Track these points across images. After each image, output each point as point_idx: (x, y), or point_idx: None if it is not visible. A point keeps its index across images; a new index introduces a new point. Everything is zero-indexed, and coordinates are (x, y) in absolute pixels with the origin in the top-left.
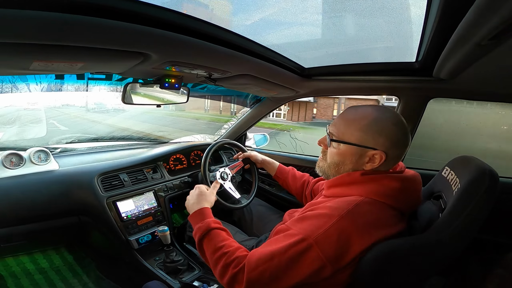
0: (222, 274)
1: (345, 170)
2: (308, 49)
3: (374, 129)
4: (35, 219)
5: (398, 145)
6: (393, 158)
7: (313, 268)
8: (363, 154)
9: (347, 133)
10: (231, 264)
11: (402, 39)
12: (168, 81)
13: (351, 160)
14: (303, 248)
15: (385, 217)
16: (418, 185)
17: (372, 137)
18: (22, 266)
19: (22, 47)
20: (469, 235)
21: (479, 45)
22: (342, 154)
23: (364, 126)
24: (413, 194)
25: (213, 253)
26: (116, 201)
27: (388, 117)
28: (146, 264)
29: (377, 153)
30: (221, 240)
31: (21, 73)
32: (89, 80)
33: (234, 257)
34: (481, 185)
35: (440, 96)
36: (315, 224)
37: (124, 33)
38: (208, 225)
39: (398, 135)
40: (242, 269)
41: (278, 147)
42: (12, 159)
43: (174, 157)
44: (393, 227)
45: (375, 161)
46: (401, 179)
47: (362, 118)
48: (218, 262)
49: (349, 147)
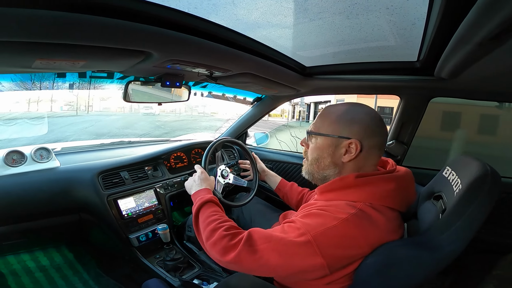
0: (215, 243)
1: (325, 164)
2: (309, 48)
3: (345, 119)
4: (36, 217)
5: (371, 133)
6: (371, 148)
7: (308, 263)
8: (338, 145)
9: (322, 126)
10: (228, 235)
11: (404, 38)
12: (169, 80)
13: (328, 153)
14: (301, 241)
15: (385, 221)
16: (411, 183)
17: (344, 126)
18: (23, 264)
19: (25, 46)
20: (469, 235)
21: (481, 44)
22: (319, 147)
23: (336, 117)
24: (408, 192)
25: (209, 223)
26: (117, 199)
27: (360, 108)
28: (146, 262)
29: (352, 142)
30: (218, 211)
31: (23, 71)
32: (90, 78)
33: (233, 230)
34: (483, 185)
35: (442, 95)
36: (317, 221)
37: (126, 31)
38: (210, 198)
39: (370, 124)
40: (238, 242)
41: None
42: (14, 156)
43: (175, 155)
44: (394, 233)
45: (352, 151)
46: (395, 179)
47: (335, 111)
48: (214, 231)
49: (324, 139)
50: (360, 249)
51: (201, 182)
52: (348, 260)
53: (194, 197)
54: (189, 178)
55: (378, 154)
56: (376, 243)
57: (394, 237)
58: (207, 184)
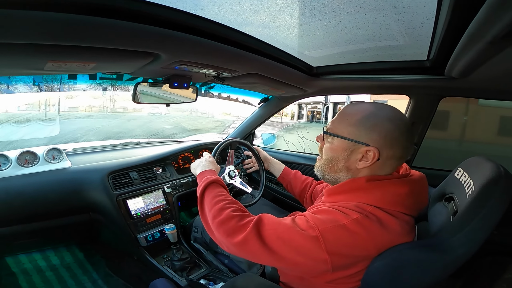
0: (223, 222)
1: (338, 167)
2: (316, 48)
3: (366, 123)
4: (48, 216)
5: (393, 144)
6: (388, 159)
7: (312, 256)
8: (355, 150)
9: (340, 127)
10: (237, 216)
11: (412, 37)
12: (177, 81)
13: (343, 156)
14: (308, 234)
15: (396, 225)
16: (424, 187)
17: (364, 131)
18: (34, 263)
19: (37, 48)
20: (482, 238)
21: (492, 43)
22: (335, 149)
23: (356, 121)
24: (420, 197)
25: (217, 202)
26: (126, 199)
27: (385, 113)
28: (154, 262)
29: (370, 150)
30: (224, 192)
31: (35, 73)
32: (100, 80)
33: (241, 212)
34: (496, 187)
35: (452, 95)
36: (328, 218)
37: (135, 33)
38: (216, 178)
39: (393, 132)
40: (247, 224)
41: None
42: (26, 157)
43: (182, 156)
44: (406, 236)
45: (368, 158)
46: (408, 183)
47: (356, 113)
48: (221, 210)
49: (341, 141)
50: (366, 251)
51: (207, 164)
52: (352, 260)
53: (200, 176)
54: (196, 160)
55: (396, 164)
56: (384, 247)
57: (406, 240)
58: (213, 166)
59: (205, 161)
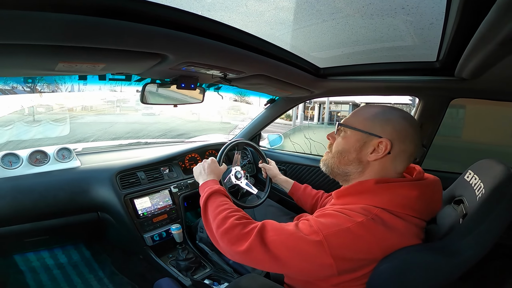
0: (227, 231)
1: (349, 159)
2: (323, 49)
3: (381, 117)
4: (57, 214)
5: (406, 138)
6: (399, 154)
7: (316, 261)
8: (367, 142)
9: (355, 120)
10: (240, 224)
11: (421, 38)
12: (184, 82)
13: (355, 148)
14: (312, 239)
15: (405, 227)
16: (438, 192)
17: (378, 124)
18: (42, 261)
19: (49, 49)
20: (491, 241)
21: (502, 44)
22: (347, 141)
23: (372, 115)
24: (432, 201)
25: (221, 211)
26: (133, 198)
27: (399, 112)
28: (159, 261)
29: (382, 141)
30: (227, 201)
31: (46, 74)
32: (109, 81)
33: (245, 220)
34: (507, 190)
35: (462, 96)
36: (332, 221)
37: (143, 34)
38: (218, 188)
39: (406, 128)
40: (251, 231)
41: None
42: (37, 156)
43: (189, 156)
44: (415, 238)
45: (379, 151)
46: (418, 187)
47: (372, 110)
48: (225, 219)
49: (355, 133)
50: (371, 255)
51: (209, 172)
52: (357, 263)
53: (202, 188)
54: (199, 164)
55: (407, 162)
56: (390, 249)
57: (413, 242)
58: (214, 175)
59: (207, 168)
